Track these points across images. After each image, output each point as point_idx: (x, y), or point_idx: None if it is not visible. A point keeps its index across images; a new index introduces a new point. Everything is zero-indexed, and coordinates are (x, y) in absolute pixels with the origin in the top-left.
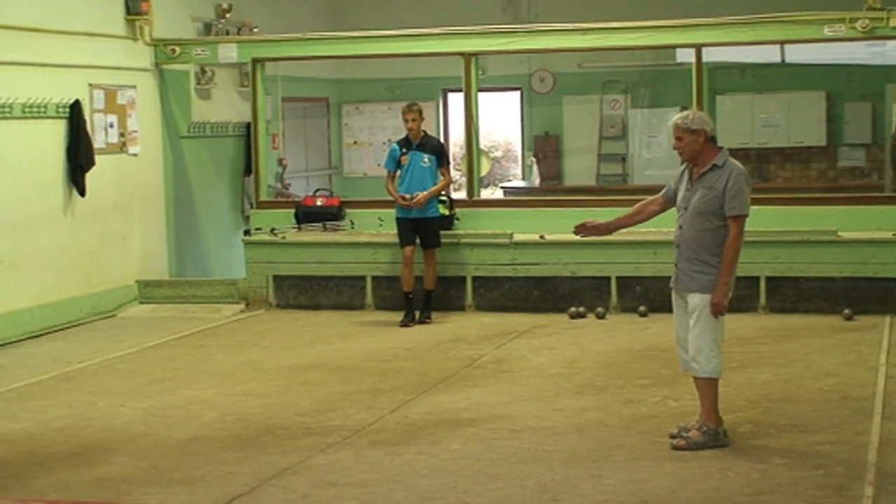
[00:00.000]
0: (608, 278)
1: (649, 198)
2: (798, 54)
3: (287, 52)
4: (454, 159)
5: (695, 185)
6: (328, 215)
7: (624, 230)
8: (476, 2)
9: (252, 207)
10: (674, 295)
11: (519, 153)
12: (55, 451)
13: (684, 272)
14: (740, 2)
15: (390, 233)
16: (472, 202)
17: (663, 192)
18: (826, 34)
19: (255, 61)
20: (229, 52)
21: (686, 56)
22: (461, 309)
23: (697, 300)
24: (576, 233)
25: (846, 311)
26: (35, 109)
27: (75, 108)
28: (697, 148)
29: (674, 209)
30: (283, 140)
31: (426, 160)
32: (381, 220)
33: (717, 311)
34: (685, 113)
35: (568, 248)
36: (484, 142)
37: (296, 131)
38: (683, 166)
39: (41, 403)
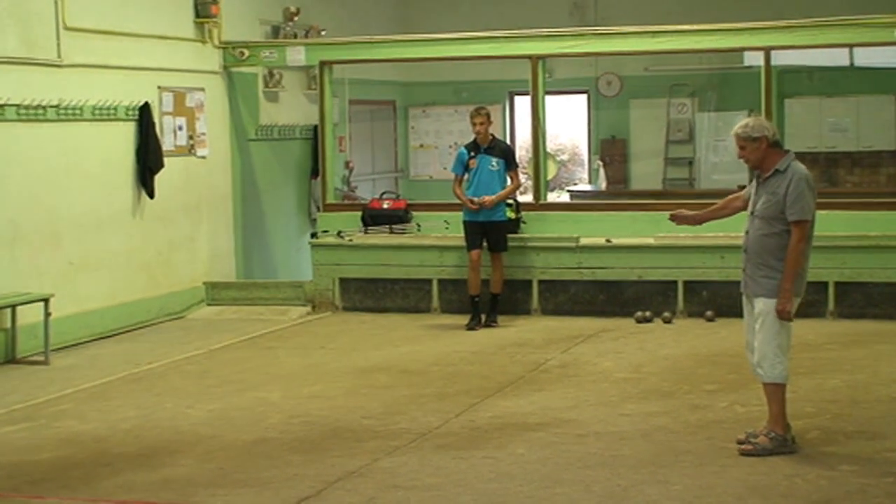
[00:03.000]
0: (675, 282)
1: (735, 194)
2: (867, 57)
3: (354, 54)
4: (520, 163)
5: (760, 190)
6: (394, 218)
7: (692, 234)
8: (543, 5)
9: (319, 210)
10: (744, 299)
11: (585, 157)
12: (123, 452)
13: (751, 277)
14: (809, 4)
15: (456, 236)
16: (539, 206)
17: (746, 189)
18: None
19: (322, 64)
20: (297, 54)
21: (754, 59)
22: (527, 312)
23: (762, 305)
24: (671, 219)
25: None
26: (105, 112)
27: (145, 110)
28: (761, 155)
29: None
30: (350, 143)
31: (494, 164)
32: (448, 224)
33: (782, 317)
34: (744, 122)
35: (634, 251)
36: (550, 145)
37: (362, 134)
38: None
39: (109, 404)
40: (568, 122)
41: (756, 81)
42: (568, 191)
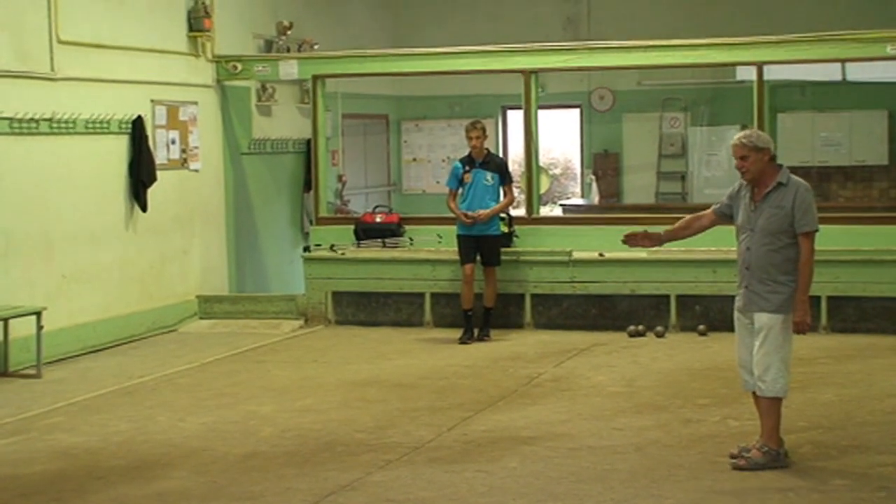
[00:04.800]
0: (667, 297)
1: (698, 213)
2: (860, 72)
3: (347, 68)
4: (513, 176)
5: (759, 205)
6: (387, 232)
7: (685, 248)
8: (536, 19)
9: (311, 224)
10: (737, 316)
11: (578, 171)
12: (115, 465)
13: (756, 293)
14: (802, 19)
15: (449, 250)
16: (532, 219)
17: (714, 208)
18: (889, 52)
19: (315, 78)
20: (290, 68)
21: (746, 74)
22: (520, 326)
23: (766, 319)
24: (624, 241)
25: None
26: (98, 125)
27: (137, 123)
28: (762, 167)
29: (719, 226)
30: (343, 157)
31: (489, 178)
32: (440, 237)
33: (801, 329)
34: (747, 132)
35: (627, 266)
36: (543, 159)
37: (355, 148)
38: (737, 185)
39: (102, 417)
40: (561, 136)
41: (749, 96)
42: (560, 205)
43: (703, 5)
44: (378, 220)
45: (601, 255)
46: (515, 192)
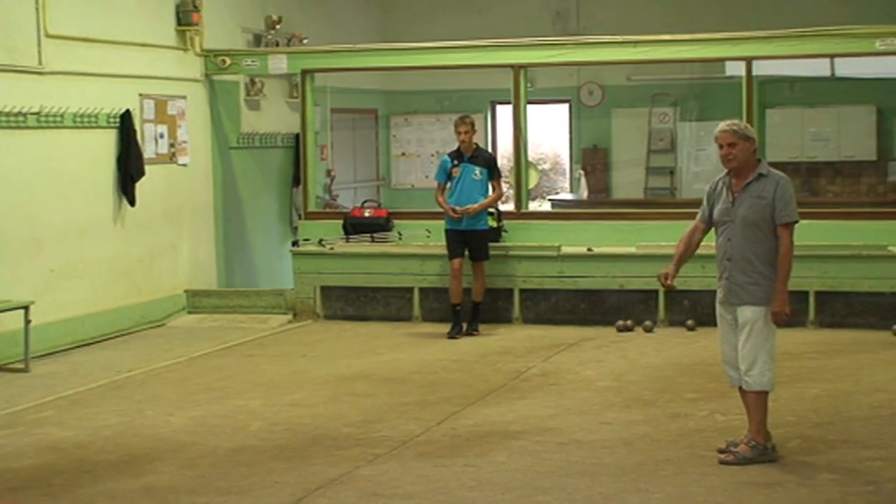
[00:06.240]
0: (656, 292)
1: (688, 229)
2: (848, 68)
3: (336, 63)
4: (502, 171)
5: (739, 196)
6: (376, 226)
7: (673, 243)
8: (525, 14)
9: (300, 218)
10: (720, 310)
11: (567, 166)
12: (104, 459)
13: (738, 285)
14: (791, 15)
15: (438, 244)
16: (520, 214)
17: (700, 217)
18: (877, 48)
19: (304, 72)
20: (279, 63)
21: (735, 69)
22: (508, 321)
23: (749, 313)
24: (663, 283)
25: None
26: (86, 119)
27: (126, 118)
28: (748, 156)
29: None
30: (332, 151)
31: (477, 173)
32: (429, 232)
33: (779, 319)
34: (734, 121)
35: (616, 260)
36: (532, 154)
37: (344, 143)
38: (709, 187)
39: (90, 412)
40: (550, 131)
41: (737, 91)
42: (549, 200)
43: (693, 0)
44: (367, 214)
45: (590, 249)
46: (504, 186)
